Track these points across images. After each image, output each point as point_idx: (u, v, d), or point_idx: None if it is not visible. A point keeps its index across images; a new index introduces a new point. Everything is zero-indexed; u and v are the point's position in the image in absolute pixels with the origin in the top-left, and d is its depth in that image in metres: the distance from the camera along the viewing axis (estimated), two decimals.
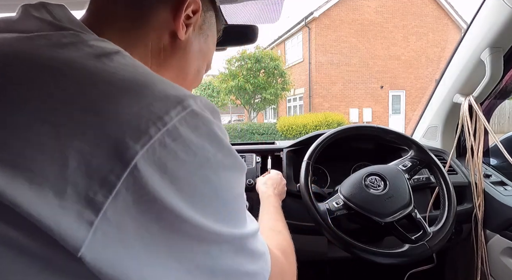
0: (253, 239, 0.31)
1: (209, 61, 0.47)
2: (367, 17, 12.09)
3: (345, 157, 1.09)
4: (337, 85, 12.08)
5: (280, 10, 0.73)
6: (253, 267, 0.30)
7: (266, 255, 0.33)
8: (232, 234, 0.27)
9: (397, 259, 0.68)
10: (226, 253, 0.27)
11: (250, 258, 0.30)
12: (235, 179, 0.29)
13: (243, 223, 0.30)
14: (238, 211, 0.29)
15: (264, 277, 0.31)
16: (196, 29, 0.40)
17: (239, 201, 0.30)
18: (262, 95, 11.86)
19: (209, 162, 0.26)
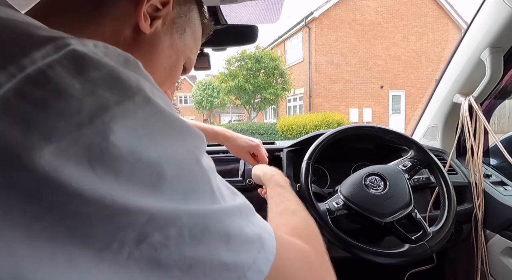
0: (231, 218, 0.25)
1: (189, 59, 0.43)
2: (367, 17, 12.09)
3: (345, 157, 1.09)
4: (337, 85, 12.09)
5: (280, 10, 0.73)
6: (235, 256, 0.24)
7: (265, 241, 0.27)
8: (185, 212, 0.22)
9: (397, 259, 0.68)
10: (177, 239, 0.21)
11: (225, 243, 0.24)
12: (170, 143, 0.23)
13: (202, 197, 0.24)
14: (183, 182, 0.23)
15: (260, 270, 0.25)
16: (167, 22, 0.37)
17: (192, 170, 0.24)
18: (262, 95, 11.88)
19: (108, 112, 0.20)
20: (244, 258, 0.25)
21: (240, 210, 0.27)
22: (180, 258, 0.21)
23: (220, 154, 1.03)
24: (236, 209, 0.26)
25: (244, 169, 0.95)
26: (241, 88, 11.58)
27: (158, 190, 0.21)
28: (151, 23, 0.34)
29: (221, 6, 0.67)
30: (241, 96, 12.26)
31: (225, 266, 0.23)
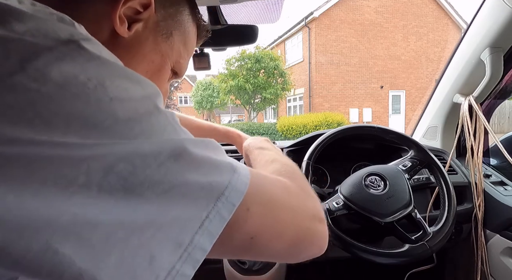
0: (197, 147, 0.25)
1: (178, 63, 0.41)
2: (367, 17, 12.10)
3: (345, 157, 1.09)
4: (337, 85, 12.09)
5: (280, 10, 0.73)
6: (208, 178, 0.24)
7: (237, 167, 0.27)
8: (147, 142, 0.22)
9: (397, 259, 0.68)
10: (144, 167, 0.21)
11: (195, 169, 0.24)
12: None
13: (163, 133, 0.24)
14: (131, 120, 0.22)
15: (237, 189, 0.25)
16: (149, 26, 0.35)
17: (151, 113, 0.24)
18: (262, 95, 11.88)
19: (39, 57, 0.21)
20: (218, 179, 0.25)
21: (206, 143, 0.27)
22: (152, 184, 0.21)
23: None
24: (202, 142, 0.26)
25: None
26: (241, 88, 11.58)
27: (114, 133, 0.21)
28: (130, 26, 0.33)
29: (221, 6, 0.67)
30: (241, 96, 12.26)
31: (201, 186, 0.23)
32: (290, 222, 0.31)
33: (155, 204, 0.21)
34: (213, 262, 1.01)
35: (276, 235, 0.29)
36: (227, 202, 0.24)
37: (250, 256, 0.31)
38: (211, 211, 0.23)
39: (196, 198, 0.23)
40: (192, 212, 0.23)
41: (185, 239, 0.22)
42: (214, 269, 0.99)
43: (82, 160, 0.20)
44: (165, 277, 0.21)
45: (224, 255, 0.29)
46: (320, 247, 0.35)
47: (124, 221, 0.20)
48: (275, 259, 0.33)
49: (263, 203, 0.28)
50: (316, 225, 0.34)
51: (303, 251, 0.33)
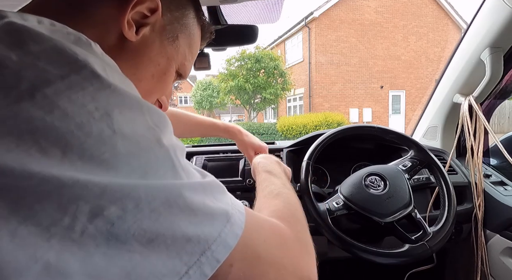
0: (193, 193, 0.24)
1: (183, 65, 0.41)
2: (367, 17, 12.09)
3: (345, 157, 1.09)
4: (337, 85, 12.09)
5: (280, 10, 0.73)
6: (197, 229, 0.23)
7: (231, 216, 0.26)
8: (143, 185, 0.22)
9: (397, 259, 0.68)
10: (135, 212, 0.21)
11: (187, 217, 0.23)
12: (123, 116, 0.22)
13: (162, 174, 0.23)
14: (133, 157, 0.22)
15: (226, 244, 0.25)
16: (156, 29, 0.35)
17: (151, 149, 0.23)
18: (262, 95, 11.88)
19: (50, 86, 0.20)
20: (208, 231, 0.24)
21: (204, 186, 0.26)
22: (139, 231, 0.21)
23: (220, 154, 1.03)
24: (200, 185, 0.26)
25: (244, 169, 0.95)
26: (241, 88, 11.58)
27: (111, 166, 0.21)
28: (138, 30, 0.33)
29: (221, 6, 0.67)
30: (241, 96, 12.26)
31: (188, 238, 0.23)
32: (274, 270, 0.29)
33: (136, 253, 0.20)
34: None
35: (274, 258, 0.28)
36: (212, 258, 0.24)
37: None
38: (192, 266, 0.23)
39: (180, 251, 0.22)
40: (171, 266, 0.22)
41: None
42: None
43: (72, 199, 0.19)
44: None
45: None
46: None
47: (98, 273, 0.19)
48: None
49: (249, 259, 0.27)
50: (306, 266, 0.33)
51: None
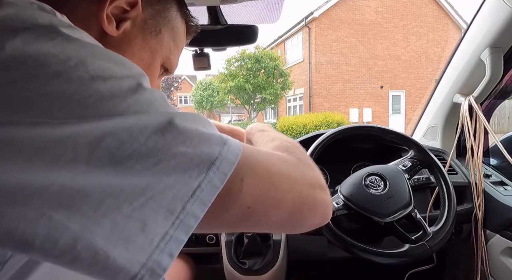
0: (185, 120, 0.25)
1: (168, 59, 0.41)
2: (367, 17, 12.10)
3: (345, 157, 1.09)
4: (337, 85, 12.09)
5: (280, 10, 0.73)
6: (197, 150, 0.24)
7: (227, 140, 0.27)
8: (133, 118, 0.23)
9: (397, 259, 0.68)
10: (131, 141, 0.22)
11: (183, 142, 0.24)
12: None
13: (148, 111, 0.24)
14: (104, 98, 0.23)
15: (229, 160, 0.25)
16: (137, 24, 0.36)
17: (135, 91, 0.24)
18: (262, 95, 11.89)
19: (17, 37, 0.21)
20: (207, 151, 0.25)
21: (194, 116, 0.27)
22: (140, 158, 0.22)
23: None
24: (189, 114, 0.26)
25: None
26: (241, 88, 11.59)
27: (97, 108, 0.22)
28: (118, 25, 0.34)
29: (221, 6, 0.67)
30: (241, 96, 12.27)
31: (190, 158, 0.23)
32: (288, 191, 0.30)
33: (145, 176, 0.22)
34: (213, 262, 1.01)
35: (274, 205, 0.29)
36: (218, 172, 0.24)
37: (249, 226, 0.31)
38: (202, 181, 0.23)
39: (186, 169, 0.23)
40: (183, 182, 0.23)
41: (176, 207, 0.22)
42: (214, 269, 0.99)
43: (68, 137, 0.20)
44: (159, 242, 0.22)
45: (223, 226, 0.29)
46: (323, 216, 0.34)
47: (114, 191, 0.21)
48: (276, 229, 0.33)
49: (258, 173, 0.28)
50: (317, 192, 0.33)
51: (304, 220, 0.33)
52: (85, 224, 0.20)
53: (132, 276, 0.21)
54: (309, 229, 0.34)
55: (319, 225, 0.35)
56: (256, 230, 0.30)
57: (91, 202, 0.20)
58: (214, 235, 0.94)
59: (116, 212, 0.20)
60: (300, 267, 1.24)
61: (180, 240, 0.23)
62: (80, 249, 0.19)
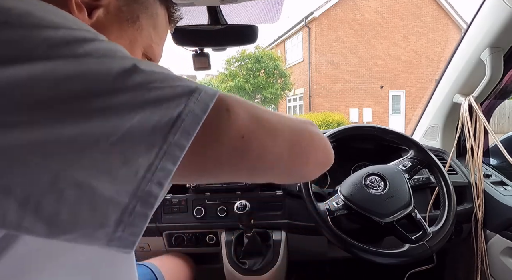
0: (149, 66, 0.25)
1: (149, 47, 0.40)
2: (367, 17, 12.09)
3: (345, 157, 1.08)
4: (337, 85, 12.09)
5: (280, 10, 0.73)
6: (169, 90, 0.24)
7: (199, 84, 0.26)
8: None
9: (397, 259, 0.68)
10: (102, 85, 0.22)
11: (154, 80, 0.24)
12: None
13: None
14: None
15: (206, 92, 0.25)
16: (111, 11, 0.34)
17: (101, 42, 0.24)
18: (262, 95, 11.87)
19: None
20: (183, 84, 0.24)
21: (160, 66, 0.26)
22: (109, 98, 0.21)
23: None
24: (154, 63, 0.26)
25: None
26: (241, 88, 11.57)
27: (55, 52, 0.21)
28: (91, 13, 0.33)
29: (221, 6, 0.67)
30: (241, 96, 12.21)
31: (164, 95, 0.23)
32: (280, 122, 0.30)
33: (117, 114, 0.21)
34: (213, 262, 1.01)
35: (269, 134, 0.28)
36: (199, 102, 0.24)
37: (250, 160, 0.28)
38: (182, 111, 0.23)
39: (162, 102, 0.23)
40: (160, 114, 0.22)
41: (157, 139, 0.22)
42: (214, 269, 0.99)
43: (27, 79, 0.20)
44: (145, 173, 0.21)
45: (221, 162, 0.26)
46: (324, 151, 0.34)
47: (87, 130, 0.20)
48: (280, 167, 0.30)
49: (243, 104, 0.27)
50: (309, 126, 0.33)
51: (306, 155, 0.32)
52: (64, 163, 0.20)
53: (123, 208, 0.21)
54: (316, 169, 0.33)
55: (325, 163, 0.34)
56: (258, 165, 0.28)
57: (67, 144, 0.20)
58: (214, 235, 0.94)
59: (94, 148, 0.20)
60: (300, 267, 1.24)
61: (167, 170, 0.22)
62: (63, 186, 0.19)
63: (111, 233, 0.21)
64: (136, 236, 0.22)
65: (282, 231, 0.90)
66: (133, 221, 0.21)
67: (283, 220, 0.90)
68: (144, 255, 0.92)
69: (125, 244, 0.22)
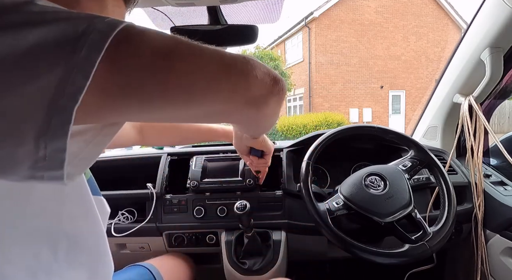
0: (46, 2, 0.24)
1: None
2: (367, 17, 12.09)
3: (345, 157, 1.09)
4: (337, 85, 12.08)
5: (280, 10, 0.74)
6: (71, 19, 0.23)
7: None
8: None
9: (397, 259, 0.68)
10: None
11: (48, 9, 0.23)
12: None
13: None
14: None
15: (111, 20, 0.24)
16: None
17: None
18: None
19: None
20: (84, 13, 0.23)
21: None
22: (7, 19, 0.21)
23: (220, 154, 1.03)
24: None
25: (244, 169, 0.95)
26: None
27: None
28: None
29: (221, 6, 0.67)
30: None
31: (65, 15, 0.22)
32: (207, 47, 0.28)
33: (16, 32, 0.21)
34: (213, 262, 1.01)
35: (195, 50, 0.27)
36: (105, 23, 0.23)
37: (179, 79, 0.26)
38: (87, 28, 0.22)
39: (66, 20, 0.22)
40: (62, 31, 0.21)
41: (63, 55, 0.21)
42: (214, 269, 0.99)
43: None
44: (55, 88, 0.21)
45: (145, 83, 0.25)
46: (265, 71, 0.32)
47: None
48: (220, 91, 0.29)
49: (156, 31, 0.26)
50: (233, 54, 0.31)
51: (246, 74, 0.30)
52: None
53: (39, 123, 0.20)
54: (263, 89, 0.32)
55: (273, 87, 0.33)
56: (201, 103, 0.27)
57: None
58: (214, 235, 0.94)
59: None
60: (300, 267, 1.24)
61: (79, 83, 0.21)
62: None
63: (33, 151, 0.21)
64: (61, 152, 0.21)
65: (282, 231, 0.90)
66: (53, 135, 0.21)
67: (283, 220, 0.90)
68: (144, 255, 0.92)
69: (53, 164, 0.21)
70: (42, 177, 0.22)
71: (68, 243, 0.36)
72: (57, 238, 0.35)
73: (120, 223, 0.92)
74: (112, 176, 0.97)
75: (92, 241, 0.40)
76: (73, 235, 0.37)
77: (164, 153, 1.04)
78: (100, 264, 0.42)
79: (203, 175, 0.95)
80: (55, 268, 0.35)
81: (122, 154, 1.08)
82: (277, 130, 9.33)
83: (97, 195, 0.44)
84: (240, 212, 0.74)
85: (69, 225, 0.36)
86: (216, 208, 0.91)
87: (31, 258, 0.32)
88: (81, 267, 0.38)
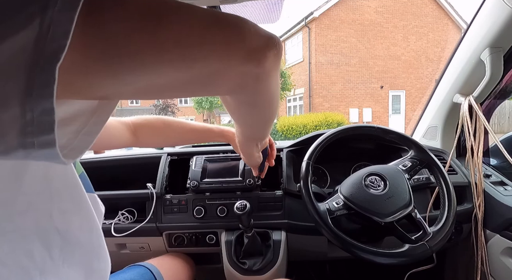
0: None
1: None
2: (367, 17, 12.09)
3: (345, 157, 1.09)
4: (337, 85, 12.09)
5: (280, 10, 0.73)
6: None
7: None
8: None
9: (397, 259, 0.68)
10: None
11: None
12: None
13: None
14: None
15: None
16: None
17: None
18: None
19: None
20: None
21: None
22: None
23: (220, 154, 1.03)
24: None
25: (244, 169, 0.95)
26: None
27: None
28: None
29: (221, 6, 0.67)
30: None
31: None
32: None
33: None
34: (213, 262, 1.01)
35: (180, 7, 0.25)
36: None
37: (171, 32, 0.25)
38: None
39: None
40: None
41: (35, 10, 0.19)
42: (214, 269, 0.99)
43: None
44: (37, 35, 0.19)
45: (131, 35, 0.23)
46: (255, 26, 0.30)
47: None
48: (213, 47, 0.27)
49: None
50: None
51: (238, 28, 0.28)
52: None
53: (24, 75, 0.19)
54: (259, 41, 0.30)
55: (273, 44, 0.31)
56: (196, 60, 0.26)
57: None
58: (214, 235, 0.94)
59: None
60: (300, 267, 1.24)
61: (63, 26, 0.19)
62: None
63: (20, 115, 0.20)
64: (49, 113, 0.20)
65: (282, 231, 0.90)
66: (38, 96, 0.20)
67: (283, 220, 0.90)
68: (144, 255, 0.92)
69: (42, 127, 0.20)
70: (33, 144, 0.21)
71: (61, 240, 0.35)
72: (49, 235, 0.34)
73: (120, 223, 0.92)
74: (112, 176, 0.97)
75: (86, 237, 0.39)
76: (65, 231, 0.36)
77: (164, 153, 1.04)
78: (95, 260, 0.41)
79: (203, 175, 0.95)
80: (50, 266, 0.34)
81: (122, 154, 1.08)
82: (277, 130, 9.33)
83: (90, 192, 0.43)
84: (240, 212, 0.75)
85: (61, 221, 0.36)
86: (216, 208, 0.91)
87: (23, 256, 0.32)
88: (77, 264, 0.38)
